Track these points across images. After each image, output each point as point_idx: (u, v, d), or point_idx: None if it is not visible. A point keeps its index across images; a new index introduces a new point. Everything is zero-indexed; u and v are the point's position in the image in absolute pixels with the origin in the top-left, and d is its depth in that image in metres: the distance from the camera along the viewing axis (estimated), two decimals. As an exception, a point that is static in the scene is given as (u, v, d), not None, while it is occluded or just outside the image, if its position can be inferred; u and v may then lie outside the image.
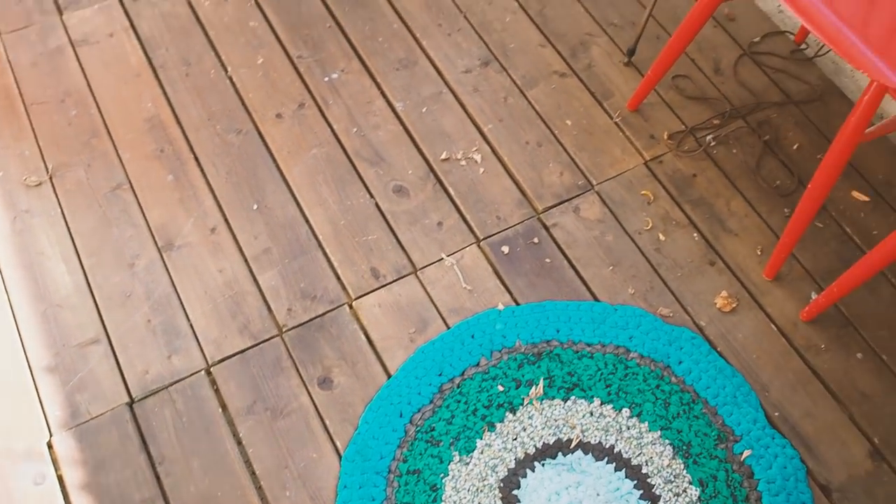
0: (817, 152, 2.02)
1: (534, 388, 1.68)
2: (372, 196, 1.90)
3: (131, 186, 1.88)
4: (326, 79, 2.07)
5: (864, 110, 1.54)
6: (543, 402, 1.67)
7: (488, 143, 1.99)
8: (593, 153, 1.99)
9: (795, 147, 2.03)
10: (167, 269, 1.78)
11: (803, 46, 2.19)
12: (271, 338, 1.71)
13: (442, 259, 1.82)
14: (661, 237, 1.88)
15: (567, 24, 2.21)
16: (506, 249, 1.84)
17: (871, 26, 1.50)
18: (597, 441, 1.64)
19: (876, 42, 1.48)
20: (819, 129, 2.06)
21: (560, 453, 1.62)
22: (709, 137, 2.03)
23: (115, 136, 1.95)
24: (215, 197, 1.88)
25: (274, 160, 1.94)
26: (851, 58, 1.46)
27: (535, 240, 1.86)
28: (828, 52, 2.14)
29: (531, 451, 1.62)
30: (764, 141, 2.03)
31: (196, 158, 1.93)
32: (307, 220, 1.86)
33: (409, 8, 2.21)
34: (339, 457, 1.61)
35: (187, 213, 1.85)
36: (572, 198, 1.92)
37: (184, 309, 1.73)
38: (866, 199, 1.97)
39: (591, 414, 1.66)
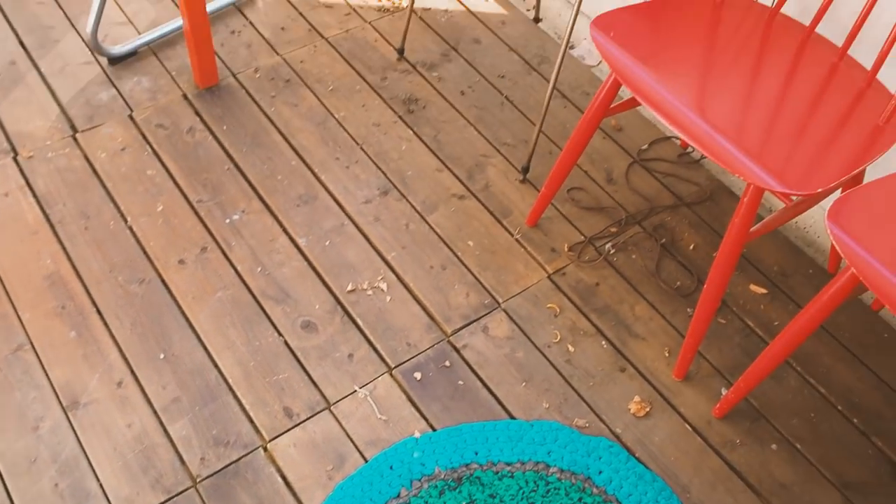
0: (713, 250, 2.08)
1: (457, 514, 1.66)
2: (280, 334, 1.89)
3: (32, 347, 1.84)
4: (228, 220, 2.08)
5: (745, 212, 1.59)
6: (468, 527, 1.65)
7: (393, 270, 2.01)
8: (497, 271, 2.02)
9: (692, 247, 2.08)
10: (73, 429, 1.73)
11: (689, 150, 2.28)
12: (185, 490, 1.67)
13: (355, 391, 1.81)
14: (571, 348, 1.90)
15: (461, 147, 2.26)
16: (418, 376, 1.84)
17: (744, 133, 1.57)
18: (525, 562, 1.62)
19: (751, 148, 1.55)
20: (712, 228, 2.12)
21: (489, 579, 1.60)
22: (608, 246, 2.07)
23: (14, 297, 1.91)
24: (120, 350, 1.85)
25: (179, 307, 1.92)
26: (728, 164, 1.52)
27: (447, 363, 1.86)
28: (713, 153, 2.22)
29: (460, 580, 1.60)
30: (661, 244, 2.08)
31: (99, 312, 1.91)
32: (216, 365, 1.84)
33: (305, 144, 2.24)
34: None
35: (92, 369, 1.82)
36: (480, 317, 1.94)
37: (92, 469, 1.68)
38: (764, 291, 2.02)
39: (517, 535, 1.64)
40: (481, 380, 1.84)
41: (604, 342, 1.91)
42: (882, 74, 1.76)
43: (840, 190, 1.81)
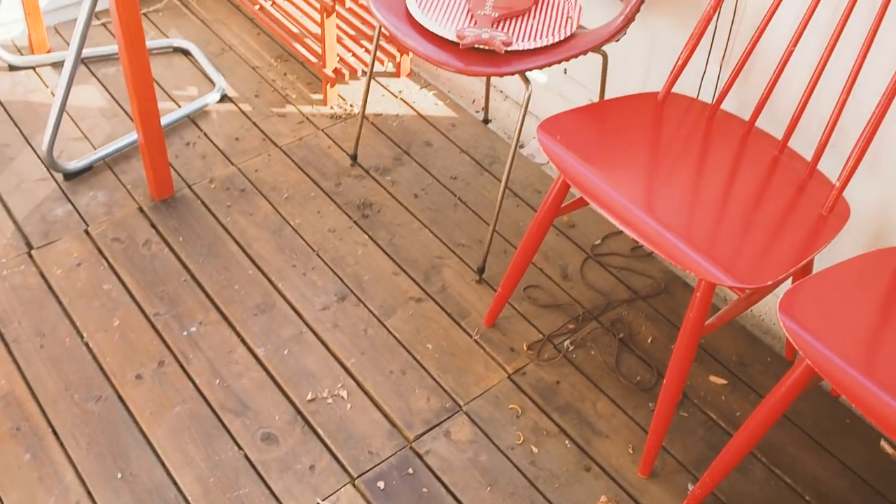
0: (671, 342, 2.09)
1: None
2: (240, 448, 1.86)
3: (-14, 473, 1.81)
4: (185, 333, 2.07)
5: (699, 306, 1.61)
6: None
7: (353, 377, 2.00)
8: (457, 374, 2.01)
9: (650, 341, 2.10)
10: (28, 558, 1.69)
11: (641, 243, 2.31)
12: None
13: (318, 504, 1.79)
14: (535, 449, 1.89)
15: (417, 250, 2.28)
16: (381, 485, 1.82)
17: (693, 229, 1.60)
18: None
19: (700, 244, 1.57)
20: (669, 320, 2.14)
21: None
22: (566, 343, 2.08)
23: (-33, 422, 1.88)
24: (77, 471, 1.81)
25: (136, 424, 1.89)
26: (678, 261, 1.55)
27: (410, 470, 1.84)
28: (666, 246, 2.26)
29: None
30: (619, 339, 2.09)
31: (55, 432, 1.87)
32: (175, 483, 1.80)
33: (262, 252, 2.25)
34: None
35: (47, 492, 1.77)
36: (442, 422, 1.92)
37: None
38: (724, 382, 2.03)
39: None
40: (445, 486, 1.82)
41: (567, 441, 1.90)
42: (822, 165, 1.81)
43: (791, 279, 1.84)
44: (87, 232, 2.29)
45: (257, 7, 2.86)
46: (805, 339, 1.43)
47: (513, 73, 1.89)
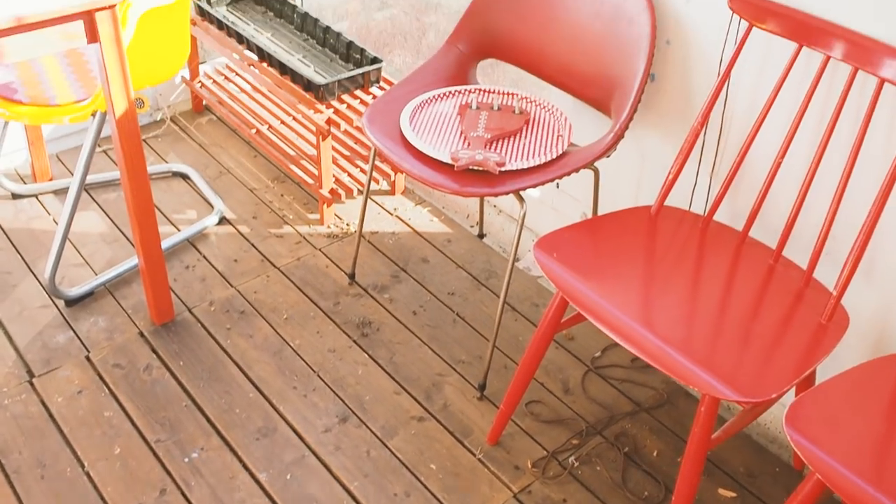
0: (677, 455, 2.07)
1: None
2: (244, 578, 1.84)
3: None
4: (186, 459, 2.05)
5: (704, 421, 1.61)
6: None
7: (357, 501, 1.97)
8: (462, 495, 1.99)
9: (655, 454, 2.08)
10: None
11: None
12: None
13: None
14: (543, 570, 1.86)
15: (418, 367, 2.28)
16: None
17: (692, 343, 1.60)
18: None
19: (701, 358, 1.57)
20: (674, 432, 2.13)
21: None
22: (571, 459, 2.06)
23: (-34, 559, 1.85)
24: None
25: (138, 555, 1.87)
26: (681, 376, 1.55)
27: None
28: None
29: None
30: (624, 453, 2.08)
31: (55, 568, 1.85)
32: None
33: (262, 375, 2.25)
34: None
35: None
36: (448, 545, 1.90)
37: None
38: (734, 495, 2.01)
39: None
40: None
41: (576, 561, 1.88)
42: (818, 272, 1.82)
43: (794, 389, 1.84)
44: (88, 358, 2.29)
45: (254, 131, 2.92)
46: (814, 452, 1.42)
47: (507, 193, 1.92)
